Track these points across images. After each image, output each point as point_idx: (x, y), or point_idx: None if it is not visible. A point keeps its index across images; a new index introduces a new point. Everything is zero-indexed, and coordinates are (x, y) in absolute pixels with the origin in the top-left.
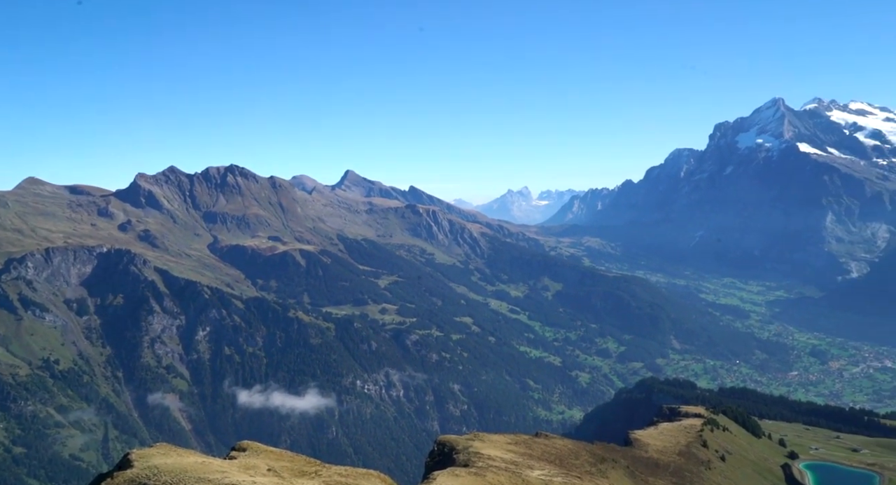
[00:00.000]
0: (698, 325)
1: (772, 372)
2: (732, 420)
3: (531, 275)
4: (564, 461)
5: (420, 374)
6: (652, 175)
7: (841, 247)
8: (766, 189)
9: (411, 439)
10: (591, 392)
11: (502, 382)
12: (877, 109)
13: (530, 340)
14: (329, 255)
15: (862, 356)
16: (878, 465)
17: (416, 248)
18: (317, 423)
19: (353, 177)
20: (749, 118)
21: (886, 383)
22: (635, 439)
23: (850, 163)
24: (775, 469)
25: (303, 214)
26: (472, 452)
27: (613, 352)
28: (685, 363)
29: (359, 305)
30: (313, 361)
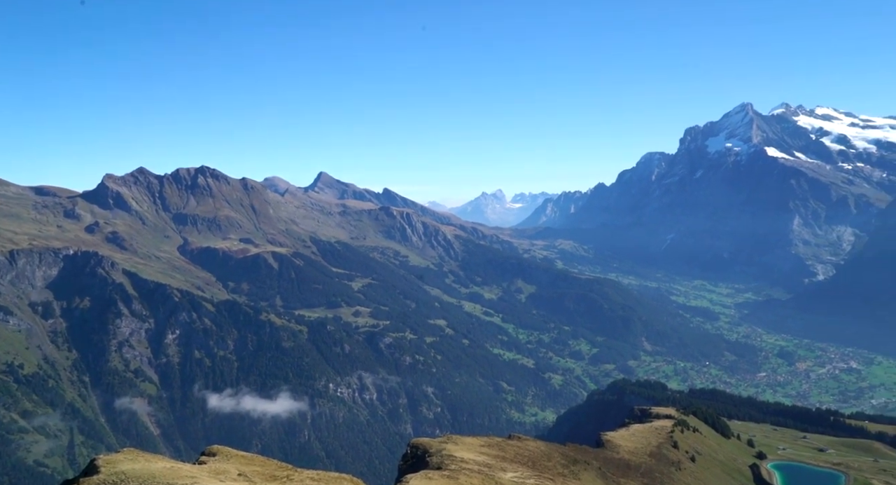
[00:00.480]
0: (669, 327)
1: (741, 373)
2: (702, 421)
3: (505, 277)
4: (537, 463)
5: (393, 377)
6: (624, 178)
7: (808, 250)
8: (735, 193)
9: (384, 443)
10: (563, 394)
11: (476, 384)
12: (842, 115)
13: (504, 343)
14: (302, 257)
15: (828, 357)
16: (844, 464)
17: (390, 250)
18: (289, 427)
19: (326, 179)
20: (718, 123)
21: (852, 383)
22: (607, 440)
23: (816, 167)
24: (744, 469)
25: (275, 215)
26: (445, 454)
27: (586, 354)
28: (656, 365)
29: (332, 307)
30: (285, 365)
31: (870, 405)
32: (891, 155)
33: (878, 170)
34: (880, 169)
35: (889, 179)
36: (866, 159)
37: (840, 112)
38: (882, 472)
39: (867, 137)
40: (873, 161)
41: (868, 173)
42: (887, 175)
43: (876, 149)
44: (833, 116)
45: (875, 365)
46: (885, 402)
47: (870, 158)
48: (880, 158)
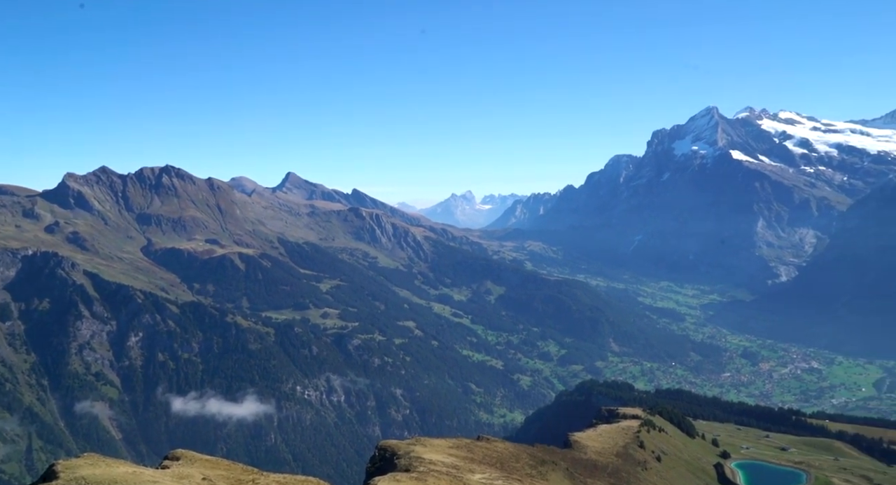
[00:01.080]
0: (636, 328)
1: (706, 373)
2: (668, 421)
3: (474, 279)
4: (505, 464)
5: (362, 379)
6: (593, 180)
7: (771, 252)
8: (701, 195)
9: (352, 445)
10: (532, 395)
11: (445, 386)
12: (804, 119)
13: (473, 344)
14: (269, 258)
15: (790, 357)
16: (805, 463)
17: (359, 251)
18: (255, 430)
19: (294, 179)
20: (685, 126)
21: (813, 383)
22: (575, 440)
23: (779, 170)
24: (708, 469)
25: (242, 216)
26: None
27: (554, 355)
28: (623, 366)
29: (300, 309)
30: (252, 367)
31: (830, 405)
32: (851, 159)
33: (838, 173)
34: (841, 172)
35: (850, 182)
36: (828, 163)
37: (802, 116)
38: (842, 470)
39: (828, 141)
40: (834, 165)
41: (829, 177)
42: (848, 178)
43: (837, 153)
44: (796, 120)
45: (836, 365)
46: (844, 401)
47: (831, 161)
48: (841, 161)
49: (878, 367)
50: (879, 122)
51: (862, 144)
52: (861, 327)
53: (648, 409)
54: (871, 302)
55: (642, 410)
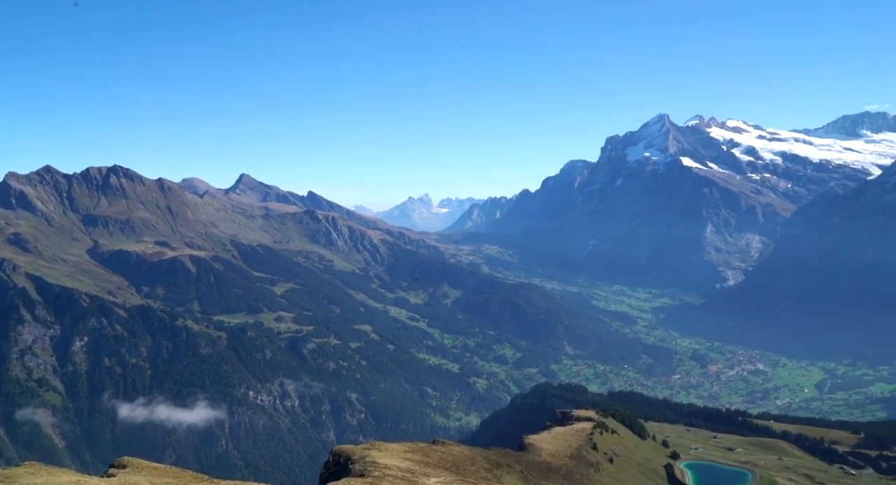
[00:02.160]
0: (590, 331)
1: (657, 376)
2: (620, 423)
3: (431, 282)
4: (460, 468)
5: (317, 383)
6: (548, 185)
7: (719, 256)
8: (652, 200)
9: (306, 451)
10: (488, 398)
11: (401, 390)
12: (751, 127)
13: (429, 348)
14: (222, 261)
15: (737, 360)
16: (751, 463)
17: (315, 254)
18: (205, 436)
19: (248, 181)
20: (637, 132)
21: (758, 384)
22: (529, 443)
23: (727, 177)
24: (659, 469)
25: (194, 218)
26: (368, 461)
27: (510, 358)
28: (577, 368)
29: (253, 313)
30: (203, 372)
31: (775, 405)
32: (794, 167)
33: (783, 180)
34: (785, 180)
35: (793, 189)
36: (773, 170)
37: (749, 125)
38: (786, 469)
39: (773, 150)
40: (779, 172)
41: (774, 184)
42: (791, 186)
43: (781, 161)
44: (743, 129)
45: (780, 367)
46: (788, 402)
47: (776, 169)
48: (785, 169)
49: (819, 369)
50: (821, 131)
51: (805, 152)
52: (804, 330)
53: (601, 411)
54: (813, 306)
55: (595, 412)
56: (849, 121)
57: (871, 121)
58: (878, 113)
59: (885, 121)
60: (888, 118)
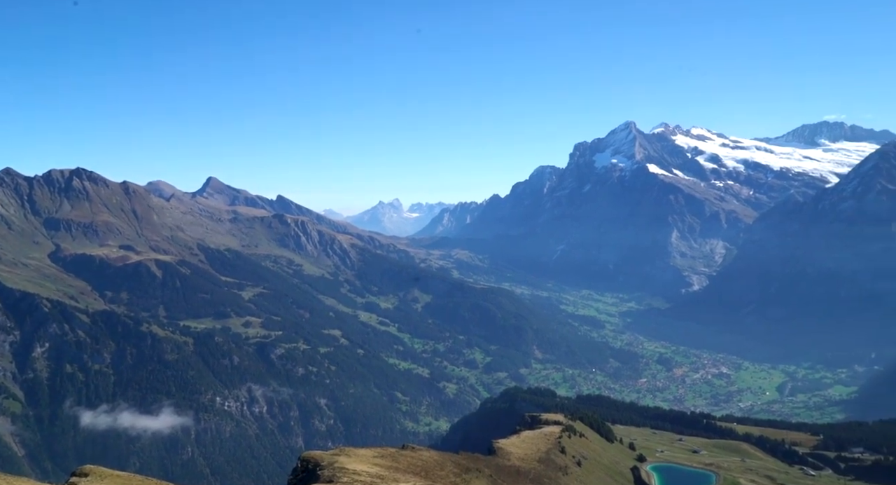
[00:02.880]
0: (559, 335)
1: (624, 379)
2: (588, 426)
3: (401, 287)
4: (430, 473)
5: (285, 388)
6: (518, 190)
7: (684, 261)
8: (620, 206)
9: (274, 457)
10: (457, 403)
11: (370, 395)
12: (715, 135)
13: (399, 353)
14: (188, 265)
15: (701, 363)
16: (715, 465)
17: (284, 259)
18: (170, 443)
19: (216, 184)
20: (605, 139)
21: (722, 387)
22: (498, 447)
23: (692, 184)
24: (626, 472)
25: (159, 222)
26: (337, 467)
27: (480, 362)
28: (546, 372)
29: (220, 318)
30: (168, 378)
31: (738, 408)
32: (756, 174)
33: (745, 188)
34: (748, 187)
35: (755, 196)
36: (735, 178)
37: (713, 133)
38: (748, 471)
39: (736, 157)
40: (741, 180)
41: (737, 191)
42: (754, 193)
43: (744, 168)
44: (707, 137)
45: (742, 370)
46: (751, 405)
47: (738, 176)
48: (748, 176)
49: (780, 372)
50: (781, 140)
51: (766, 160)
52: (765, 334)
53: (570, 415)
54: (774, 310)
55: (564, 416)
56: (808, 130)
57: (829, 130)
58: (836, 123)
59: (842, 130)
60: (845, 128)
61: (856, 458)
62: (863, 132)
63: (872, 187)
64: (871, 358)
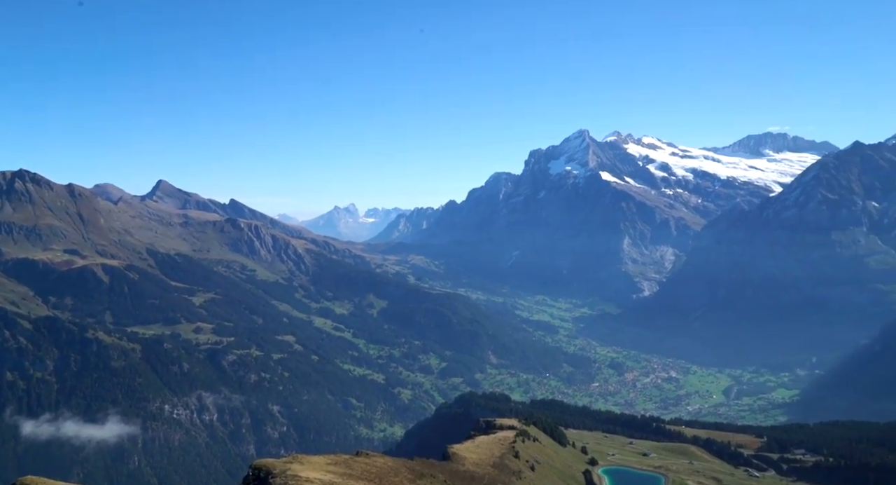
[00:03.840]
0: (513, 340)
1: (577, 384)
2: (542, 431)
3: (357, 292)
4: (384, 479)
5: (237, 395)
6: (474, 196)
7: (635, 268)
8: (573, 213)
9: (224, 466)
10: (412, 408)
11: (324, 401)
12: (665, 144)
13: (354, 358)
14: (137, 270)
15: (652, 368)
16: (664, 467)
17: (237, 263)
18: (116, 453)
19: (166, 187)
20: (559, 147)
21: (671, 391)
22: (453, 453)
23: (643, 192)
24: (578, 476)
25: (107, 225)
26: (289, 475)
27: (435, 368)
28: (501, 377)
29: (170, 324)
30: (114, 386)
31: (686, 411)
32: (704, 183)
33: (694, 196)
34: (696, 195)
35: (703, 204)
36: (684, 186)
37: (663, 142)
38: (696, 473)
39: (685, 166)
40: (690, 188)
41: (686, 199)
42: (702, 201)
43: (692, 177)
44: (657, 145)
45: (691, 374)
46: (698, 408)
47: (687, 184)
48: (696, 185)
49: (727, 376)
50: (728, 150)
51: (714, 169)
52: (713, 339)
53: (524, 419)
54: (721, 316)
55: (518, 420)
56: (753, 140)
57: (773, 141)
58: (780, 134)
59: (786, 141)
60: (788, 139)
61: (797, 459)
62: (804, 143)
63: (813, 197)
64: (812, 362)
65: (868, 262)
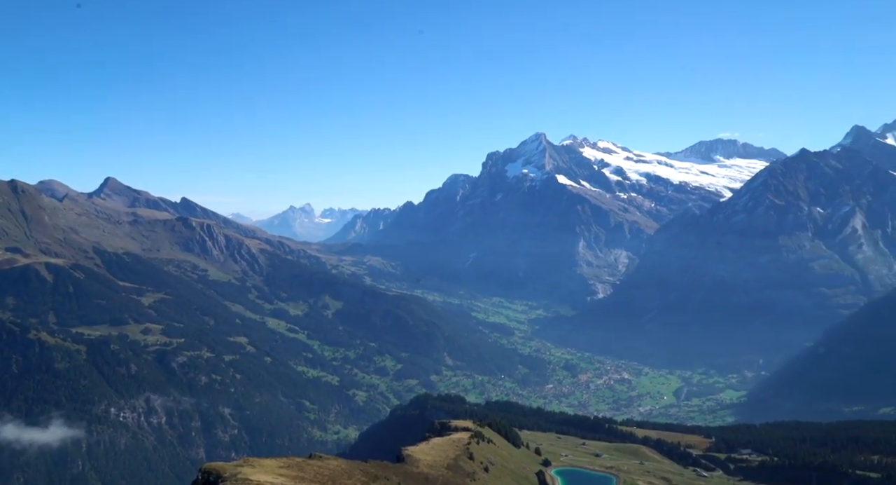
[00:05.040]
0: (470, 342)
1: (532, 385)
2: (496, 432)
3: (312, 293)
4: (337, 482)
5: (187, 398)
6: (431, 198)
7: (590, 270)
8: (530, 216)
9: (172, 470)
10: (367, 410)
11: (277, 403)
12: (620, 149)
13: (308, 360)
14: (82, 269)
15: (605, 369)
16: (615, 467)
17: (188, 263)
18: (59, 457)
19: (114, 185)
20: (517, 149)
21: (623, 393)
22: (407, 454)
23: (598, 195)
24: (531, 477)
25: (51, 223)
26: (240, 478)
27: (391, 370)
28: (457, 379)
29: (117, 324)
30: (58, 388)
31: (638, 413)
32: (657, 187)
33: (647, 200)
34: (649, 199)
35: (657, 208)
36: (638, 190)
37: (618, 146)
38: (647, 473)
39: (639, 171)
40: (644, 192)
41: (640, 203)
42: (655, 205)
43: (646, 181)
44: (612, 150)
45: (643, 376)
46: (650, 409)
47: (641, 189)
48: (650, 189)
49: (677, 377)
50: (681, 155)
51: (666, 174)
52: (664, 341)
53: (478, 421)
54: (672, 318)
55: (473, 422)
56: (704, 146)
57: (724, 147)
58: (730, 140)
59: (735, 148)
60: (738, 145)
61: (744, 459)
62: (753, 150)
63: (762, 202)
64: (759, 364)
65: (813, 266)
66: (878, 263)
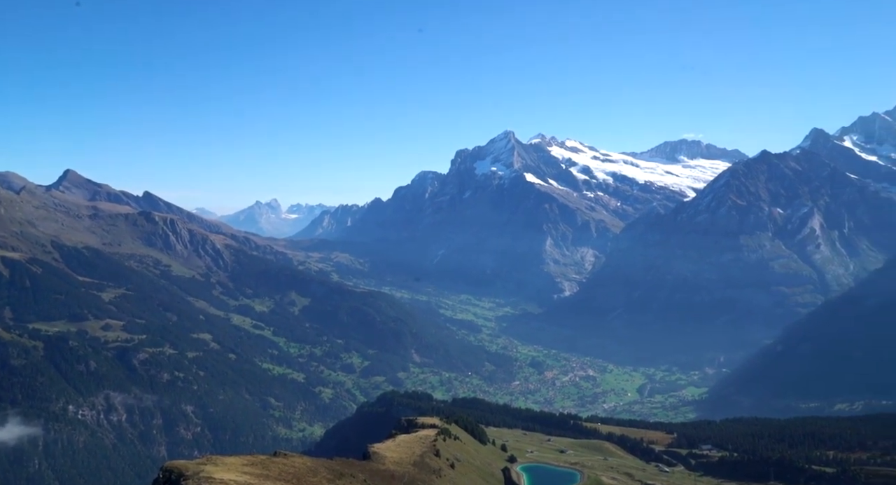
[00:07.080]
0: (437, 339)
1: (498, 382)
2: (463, 429)
3: (278, 289)
4: (302, 480)
5: (148, 395)
6: (399, 195)
7: (557, 268)
8: (498, 213)
9: (133, 468)
10: (333, 408)
11: (241, 401)
12: (587, 148)
13: (274, 357)
14: (40, 263)
15: (570, 366)
16: (580, 463)
17: (150, 258)
18: (15, 455)
19: (74, 177)
20: (485, 147)
21: (588, 389)
22: (374, 452)
23: (565, 194)
24: (497, 473)
25: (7, 216)
26: (203, 477)
27: (357, 367)
28: (424, 376)
29: (76, 320)
30: (14, 385)
31: (602, 409)
32: (623, 187)
33: (613, 199)
34: (616, 198)
35: (622, 208)
36: (605, 189)
37: (585, 145)
38: (610, 469)
39: (606, 170)
40: (610, 191)
41: (606, 202)
42: (621, 204)
43: (612, 180)
44: (580, 149)
45: (607, 373)
46: (614, 406)
47: (607, 188)
48: (616, 188)
49: (641, 374)
50: (646, 155)
51: (632, 174)
52: (629, 339)
53: (445, 418)
54: (637, 316)
55: (439, 419)
56: (669, 147)
57: (688, 148)
58: (694, 141)
59: (699, 148)
60: (702, 146)
61: (705, 454)
62: (717, 151)
63: (724, 202)
64: (720, 361)
65: (773, 266)
66: (834, 263)
